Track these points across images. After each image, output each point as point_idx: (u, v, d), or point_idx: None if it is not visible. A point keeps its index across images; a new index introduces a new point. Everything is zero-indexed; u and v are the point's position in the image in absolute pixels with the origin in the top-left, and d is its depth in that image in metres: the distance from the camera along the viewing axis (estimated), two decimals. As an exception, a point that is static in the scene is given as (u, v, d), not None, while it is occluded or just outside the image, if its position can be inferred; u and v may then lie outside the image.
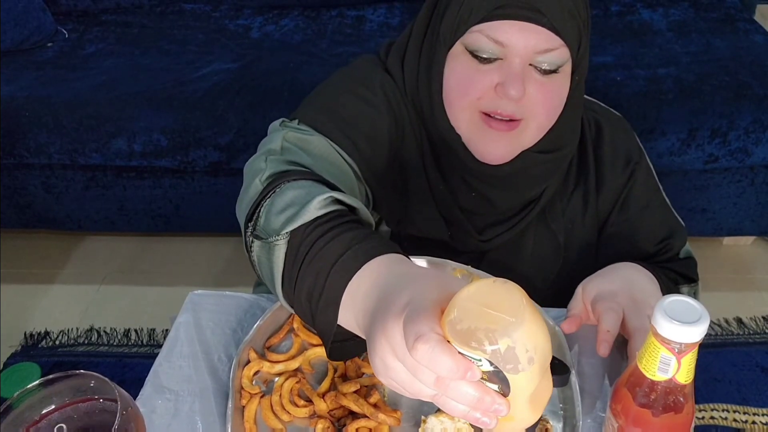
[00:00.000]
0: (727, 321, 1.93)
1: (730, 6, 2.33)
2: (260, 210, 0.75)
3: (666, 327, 0.57)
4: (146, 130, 1.94)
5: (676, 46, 2.11)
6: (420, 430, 0.71)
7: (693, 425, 0.64)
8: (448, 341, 0.49)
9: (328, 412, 0.76)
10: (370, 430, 0.74)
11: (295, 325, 0.86)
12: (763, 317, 1.96)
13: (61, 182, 2.09)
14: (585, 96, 1.06)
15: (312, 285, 0.66)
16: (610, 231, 1.02)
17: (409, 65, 0.94)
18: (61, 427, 0.59)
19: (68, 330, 1.99)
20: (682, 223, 1.06)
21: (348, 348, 0.68)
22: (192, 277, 2.18)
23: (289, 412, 0.76)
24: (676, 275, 1.00)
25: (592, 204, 1.01)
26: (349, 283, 0.63)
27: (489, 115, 0.87)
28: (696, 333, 0.57)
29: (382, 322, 0.54)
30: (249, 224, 0.75)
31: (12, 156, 2.00)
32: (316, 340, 0.84)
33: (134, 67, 2.13)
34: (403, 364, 0.52)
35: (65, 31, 2.34)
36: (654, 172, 1.06)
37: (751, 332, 1.90)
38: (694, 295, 1.03)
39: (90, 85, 2.02)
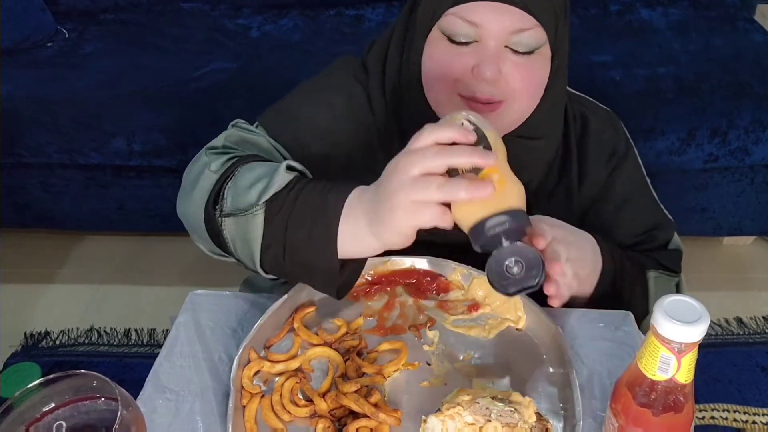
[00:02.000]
0: (727, 321, 1.93)
1: (729, 5, 2.33)
2: (224, 192, 0.80)
3: (666, 327, 0.57)
4: (145, 129, 1.93)
5: (676, 45, 2.12)
6: (420, 429, 0.71)
7: (693, 425, 0.64)
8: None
9: (328, 412, 0.76)
10: (371, 429, 0.74)
11: (296, 325, 0.86)
12: (763, 317, 1.96)
13: (60, 182, 2.09)
14: (575, 91, 1.06)
15: (303, 227, 0.73)
16: (589, 222, 1.02)
17: (391, 58, 0.95)
18: (61, 424, 0.59)
19: (68, 330, 1.99)
20: (671, 218, 1.06)
21: (349, 276, 0.77)
22: (192, 277, 2.18)
23: (289, 412, 0.76)
24: (655, 263, 1.01)
25: (575, 198, 1.01)
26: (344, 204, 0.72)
27: (469, 99, 0.88)
28: (696, 333, 0.57)
29: (392, 165, 0.69)
30: (216, 208, 0.80)
31: (11, 155, 2.00)
32: (316, 339, 0.84)
33: (133, 66, 2.13)
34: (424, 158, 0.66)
35: (65, 31, 2.33)
36: (642, 167, 1.06)
37: (751, 332, 1.90)
38: (677, 286, 1.03)
39: (89, 85, 2.02)
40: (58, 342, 1.96)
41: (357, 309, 0.90)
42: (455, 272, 0.92)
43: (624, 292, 0.94)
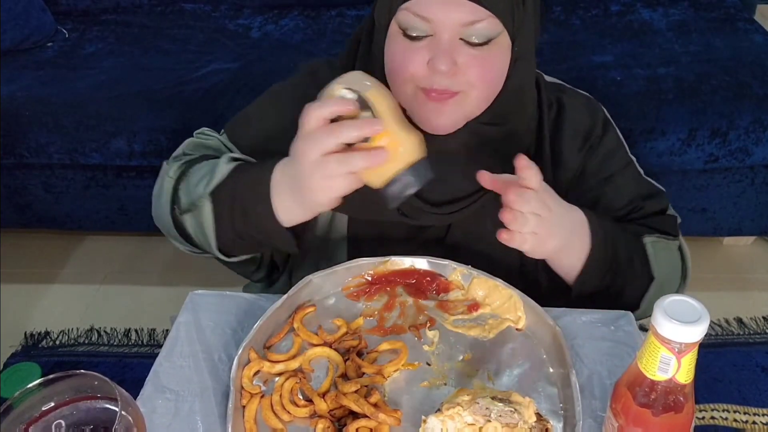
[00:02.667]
0: (727, 321, 1.93)
1: (730, 6, 2.33)
2: (179, 193, 0.91)
3: (666, 327, 0.57)
4: (146, 129, 1.93)
5: (676, 45, 2.11)
6: (420, 430, 0.71)
7: (693, 425, 0.64)
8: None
9: (328, 412, 0.76)
10: (371, 430, 0.74)
11: (296, 325, 0.86)
12: (764, 317, 1.96)
13: (61, 182, 2.09)
14: (556, 80, 1.06)
15: (245, 212, 0.85)
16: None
17: (360, 57, 0.97)
18: (60, 423, 0.59)
19: (68, 330, 1.99)
20: (661, 188, 1.05)
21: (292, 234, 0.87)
22: (192, 277, 2.18)
23: (289, 412, 0.76)
24: (648, 230, 1.00)
25: (548, 182, 1.00)
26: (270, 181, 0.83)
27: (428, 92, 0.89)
28: (696, 333, 0.57)
29: (294, 149, 0.80)
30: (175, 208, 0.91)
31: (12, 156, 2.00)
32: (316, 339, 0.84)
33: (134, 66, 2.13)
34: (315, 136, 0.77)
35: (65, 31, 2.34)
36: (625, 146, 1.05)
37: (752, 332, 1.90)
38: (680, 250, 1.01)
39: (90, 85, 2.02)
40: (58, 342, 1.96)
41: (357, 309, 0.90)
42: (455, 272, 0.92)
43: (621, 263, 0.94)
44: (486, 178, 0.86)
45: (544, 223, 0.84)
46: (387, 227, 1.00)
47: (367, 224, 1.01)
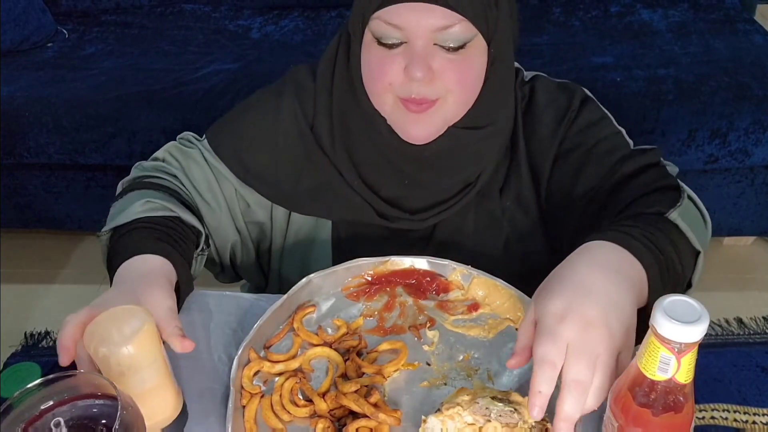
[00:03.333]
0: (727, 321, 1.93)
1: (729, 7, 2.33)
2: (110, 209, 0.93)
3: (666, 326, 0.57)
4: (146, 130, 1.94)
5: (676, 46, 2.12)
6: (420, 430, 0.71)
7: (693, 425, 0.64)
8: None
9: (328, 412, 0.76)
10: (371, 430, 0.74)
11: (295, 325, 0.86)
12: (764, 317, 1.96)
13: (61, 182, 2.09)
14: (541, 74, 1.03)
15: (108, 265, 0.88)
16: (551, 188, 0.98)
17: (338, 65, 0.97)
18: (59, 420, 0.59)
19: (68, 330, 1.99)
20: (654, 146, 0.98)
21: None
22: (192, 277, 2.18)
23: (289, 412, 0.76)
24: (649, 200, 0.87)
25: (525, 174, 0.99)
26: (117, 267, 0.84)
27: (406, 101, 0.88)
28: (696, 333, 0.57)
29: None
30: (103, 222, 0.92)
31: (12, 156, 2.00)
32: (316, 340, 0.84)
33: (134, 67, 2.13)
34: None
35: (65, 32, 2.34)
36: (611, 118, 0.98)
37: (752, 332, 1.90)
38: (690, 199, 0.90)
39: (90, 86, 2.02)
40: (58, 342, 1.95)
41: (357, 309, 0.90)
42: (455, 272, 0.92)
43: (672, 260, 0.78)
44: (520, 363, 0.71)
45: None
46: (370, 228, 1.00)
47: (350, 225, 1.01)
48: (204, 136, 1.04)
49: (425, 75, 0.84)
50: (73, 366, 0.72)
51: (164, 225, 0.89)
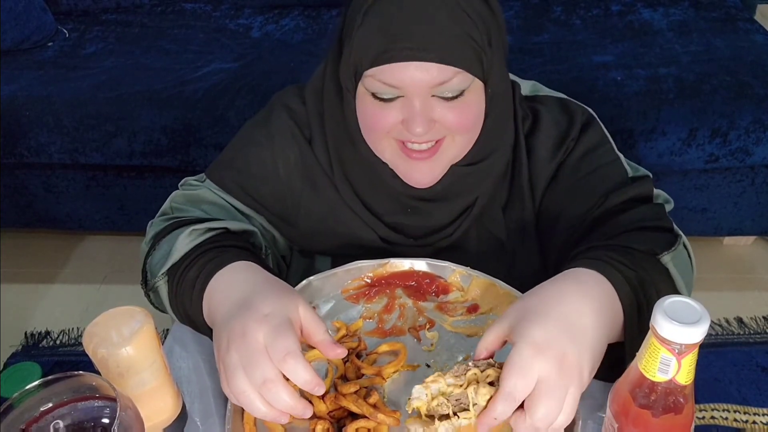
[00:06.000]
0: (727, 321, 1.93)
1: (730, 6, 2.33)
2: (146, 268, 0.89)
3: (666, 328, 0.57)
4: (147, 129, 1.94)
5: (677, 45, 2.11)
6: (406, 406, 0.70)
7: (693, 426, 0.64)
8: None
9: (327, 414, 0.75)
10: (369, 430, 0.74)
11: (295, 326, 0.86)
12: (764, 317, 1.96)
13: (62, 182, 2.09)
14: (540, 87, 1.02)
15: (183, 309, 0.83)
16: (541, 209, 0.98)
17: (328, 106, 0.95)
18: (57, 423, 0.59)
19: (69, 330, 1.99)
20: (647, 173, 0.95)
21: None
22: (192, 276, 2.18)
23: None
24: (640, 229, 0.85)
25: (527, 196, 0.98)
26: (203, 296, 0.79)
27: (406, 144, 0.86)
28: (696, 334, 0.57)
29: (241, 323, 0.69)
30: (142, 283, 0.89)
31: (12, 155, 2.00)
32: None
33: (135, 66, 2.13)
34: (242, 359, 0.67)
35: (66, 31, 2.34)
36: (611, 143, 0.97)
37: (752, 332, 1.90)
38: (684, 246, 0.85)
39: (90, 85, 2.02)
40: (58, 342, 1.96)
41: (356, 311, 0.90)
42: (454, 274, 0.92)
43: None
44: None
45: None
46: (371, 252, 0.99)
47: (351, 247, 1.00)
48: (204, 178, 1.00)
49: (426, 129, 0.83)
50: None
51: (221, 241, 0.86)
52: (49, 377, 0.59)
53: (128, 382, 0.67)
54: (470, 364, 0.69)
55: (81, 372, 0.62)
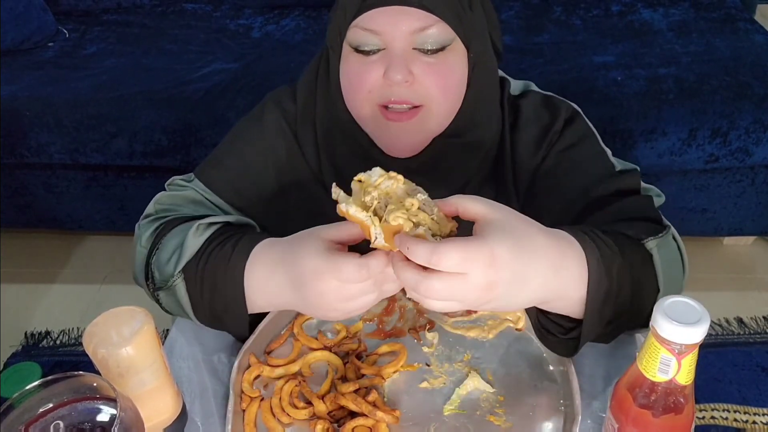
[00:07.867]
0: (727, 321, 1.93)
1: (730, 6, 2.33)
2: (151, 268, 0.87)
3: (666, 328, 0.57)
4: (147, 129, 1.94)
5: (677, 45, 2.11)
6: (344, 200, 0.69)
7: (693, 426, 0.64)
8: None
9: (327, 414, 0.76)
10: (369, 429, 0.74)
11: (296, 330, 0.86)
12: (764, 317, 1.96)
13: (62, 182, 2.09)
14: (529, 85, 1.01)
15: (212, 298, 0.81)
16: (528, 202, 0.96)
17: (319, 85, 0.97)
18: (58, 424, 0.59)
19: (69, 330, 1.99)
20: (635, 167, 0.93)
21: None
22: (192, 276, 2.18)
23: (288, 414, 0.76)
24: (628, 220, 0.83)
25: (511, 191, 0.97)
26: (244, 280, 0.78)
27: (387, 108, 0.87)
28: (696, 334, 0.57)
29: (315, 278, 0.71)
30: (148, 284, 0.87)
31: (13, 155, 2.00)
32: (316, 344, 0.84)
33: (135, 66, 2.13)
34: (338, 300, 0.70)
35: (66, 31, 2.34)
36: (597, 137, 0.95)
37: (752, 332, 1.90)
38: (674, 239, 0.84)
39: (91, 85, 2.02)
40: (58, 342, 1.96)
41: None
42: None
43: (629, 289, 0.75)
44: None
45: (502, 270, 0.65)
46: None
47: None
48: (193, 177, 1.00)
49: (405, 77, 0.83)
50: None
51: (229, 232, 0.85)
52: (49, 377, 0.59)
53: (128, 382, 0.67)
54: (427, 197, 0.68)
55: (81, 372, 0.62)
